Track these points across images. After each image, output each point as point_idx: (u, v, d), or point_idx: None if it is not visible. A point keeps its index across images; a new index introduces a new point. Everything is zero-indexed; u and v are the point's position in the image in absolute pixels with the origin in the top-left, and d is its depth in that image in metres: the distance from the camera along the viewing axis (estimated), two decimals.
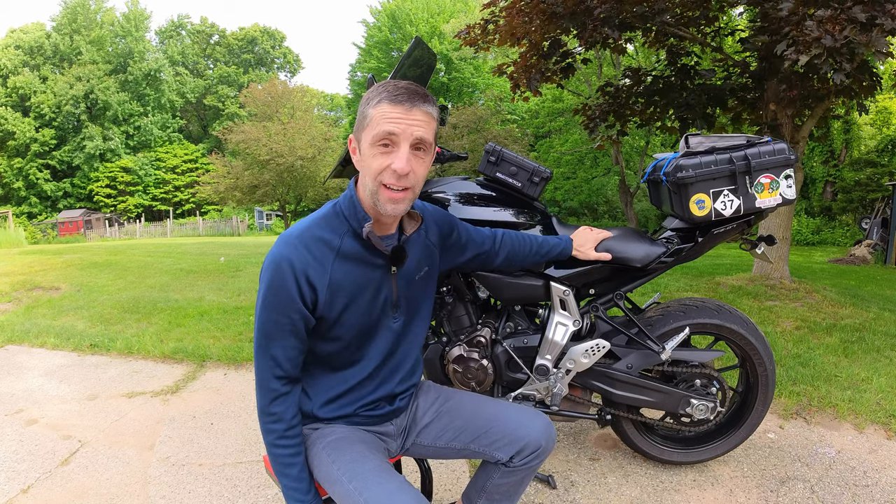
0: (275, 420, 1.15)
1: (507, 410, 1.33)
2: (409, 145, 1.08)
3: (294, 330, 1.13)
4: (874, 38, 3.03)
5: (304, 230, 1.14)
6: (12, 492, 2.03)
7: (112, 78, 35.86)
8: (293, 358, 1.15)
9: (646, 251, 1.82)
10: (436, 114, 1.14)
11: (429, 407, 1.37)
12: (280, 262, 1.10)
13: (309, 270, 1.11)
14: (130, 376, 3.20)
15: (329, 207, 1.19)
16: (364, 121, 1.11)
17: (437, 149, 1.85)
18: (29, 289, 5.52)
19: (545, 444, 1.29)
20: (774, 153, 1.70)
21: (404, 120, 1.07)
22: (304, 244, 1.12)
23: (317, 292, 1.13)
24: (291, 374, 1.16)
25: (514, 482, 1.33)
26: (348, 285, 1.16)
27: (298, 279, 1.10)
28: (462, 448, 1.33)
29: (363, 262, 1.18)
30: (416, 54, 2.03)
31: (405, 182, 1.10)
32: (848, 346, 3.34)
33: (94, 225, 29.82)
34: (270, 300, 1.11)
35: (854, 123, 15.33)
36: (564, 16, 4.17)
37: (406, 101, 1.07)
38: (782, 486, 1.95)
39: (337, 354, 1.22)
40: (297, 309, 1.11)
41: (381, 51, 29.28)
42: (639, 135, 17.36)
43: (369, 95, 1.12)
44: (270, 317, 1.12)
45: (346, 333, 1.19)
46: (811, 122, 4.58)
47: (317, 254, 1.13)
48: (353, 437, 1.22)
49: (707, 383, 1.90)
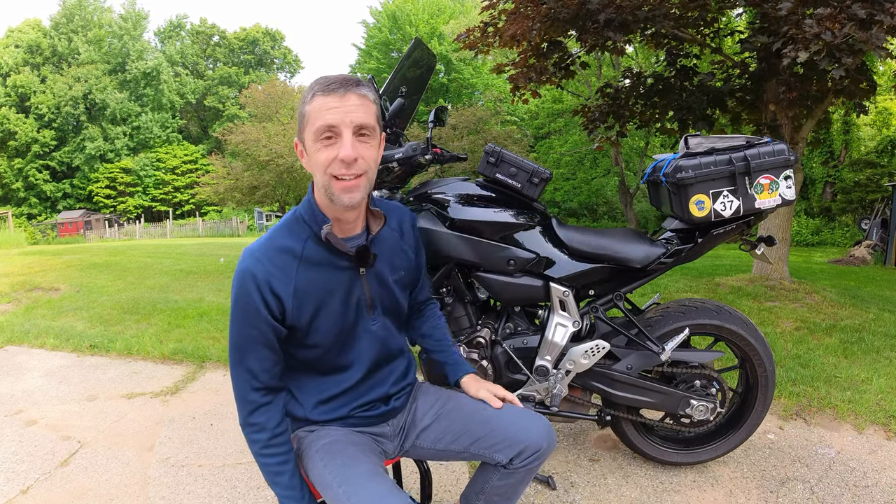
0: (257, 430, 1.15)
1: (507, 413, 1.31)
2: (350, 132, 1.06)
3: (265, 341, 1.13)
4: (874, 35, 3.04)
5: (266, 241, 1.14)
6: (12, 492, 2.03)
7: (110, 77, 35.88)
8: (269, 369, 1.15)
9: (645, 252, 1.82)
10: (373, 97, 1.11)
11: (428, 409, 1.36)
12: (243, 275, 1.10)
13: (272, 281, 1.11)
14: (130, 377, 3.20)
15: (290, 214, 1.18)
16: (303, 120, 1.10)
17: (437, 149, 1.86)
18: (28, 289, 5.52)
19: (545, 447, 1.28)
20: (774, 154, 1.70)
21: (340, 108, 1.05)
22: (266, 256, 1.12)
23: (283, 302, 1.12)
24: (269, 385, 1.16)
25: (513, 484, 1.33)
26: (315, 290, 1.15)
27: (262, 290, 1.10)
28: (461, 451, 1.32)
29: (328, 266, 1.16)
30: (416, 55, 2.03)
31: (355, 169, 1.07)
32: (848, 347, 3.34)
33: (94, 226, 29.83)
34: (238, 314, 1.12)
35: (853, 124, 15.35)
36: (566, 19, 4.18)
37: (339, 88, 1.06)
38: (782, 486, 1.95)
39: (321, 360, 1.22)
40: (264, 320, 1.11)
41: (380, 52, 29.28)
42: (638, 136, 17.38)
43: (304, 96, 1.11)
44: (241, 330, 1.12)
45: (323, 339, 1.19)
46: (811, 122, 4.58)
47: (279, 263, 1.12)
48: (346, 441, 1.21)
49: (707, 384, 1.90)
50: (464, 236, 1.81)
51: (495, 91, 23.24)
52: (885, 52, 3.10)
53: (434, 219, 1.83)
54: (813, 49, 3.05)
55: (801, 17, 3.25)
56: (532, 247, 1.84)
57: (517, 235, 1.84)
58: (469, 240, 1.81)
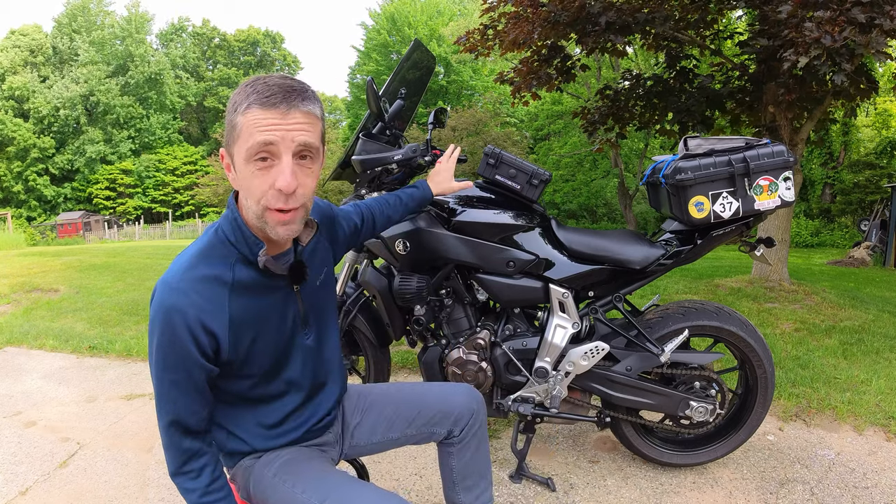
0: (194, 477, 1.02)
1: (430, 389, 1.34)
2: (290, 155, 0.91)
3: (195, 386, 0.99)
4: (874, 38, 3.04)
5: (187, 270, 0.97)
6: (11, 494, 2.02)
7: (113, 80, 35.92)
8: (198, 412, 1.01)
9: (645, 253, 1.82)
10: (319, 112, 0.96)
11: (353, 407, 1.34)
12: (168, 313, 0.93)
13: (203, 317, 0.95)
14: (129, 378, 3.20)
15: (210, 236, 1.02)
16: (233, 132, 0.93)
17: (436, 151, 1.86)
18: (28, 290, 5.52)
19: (476, 407, 1.32)
20: (773, 155, 1.71)
21: (281, 126, 0.89)
22: (191, 287, 0.95)
23: (217, 338, 0.98)
24: (202, 428, 1.03)
25: (472, 456, 1.33)
26: (251, 318, 1.02)
27: (193, 330, 0.94)
28: (400, 436, 1.32)
29: (262, 289, 1.04)
30: (416, 57, 2.04)
31: (293, 202, 0.93)
32: (847, 348, 3.34)
33: (93, 227, 29.83)
34: (164, 358, 0.96)
35: (853, 126, 15.37)
36: (567, 23, 4.19)
37: (281, 102, 0.89)
38: (782, 488, 1.95)
39: (255, 388, 1.09)
40: (195, 363, 0.97)
41: (380, 53, 29.32)
42: (638, 137, 17.42)
43: (236, 100, 0.92)
44: (166, 377, 0.97)
45: (257, 368, 1.07)
46: (810, 124, 4.59)
47: (208, 295, 0.96)
48: (302, 457, 1.14)
49: (706, 385, 1.90)
50: (463, 238, 1.81)
51: (495, 93, 23.27)
52: (885, 55, 3.10)
53: (433, 220, 1.83)
54: (813, 54, 3.06)
55: (801, 21, 3.26)
56: (531, 248, 1.84)
57: (517, 237, 1.84)
58: (468, 241, 1.81)
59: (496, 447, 2.28)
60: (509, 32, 4.55)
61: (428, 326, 1.94)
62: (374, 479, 2.04)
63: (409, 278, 1.84)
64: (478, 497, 1.37)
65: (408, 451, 2.25)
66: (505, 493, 1.94)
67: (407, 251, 1.84)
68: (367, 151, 1.79)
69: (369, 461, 2.15)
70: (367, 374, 2.24)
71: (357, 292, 2.13)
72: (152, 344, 0.97)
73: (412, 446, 2.26)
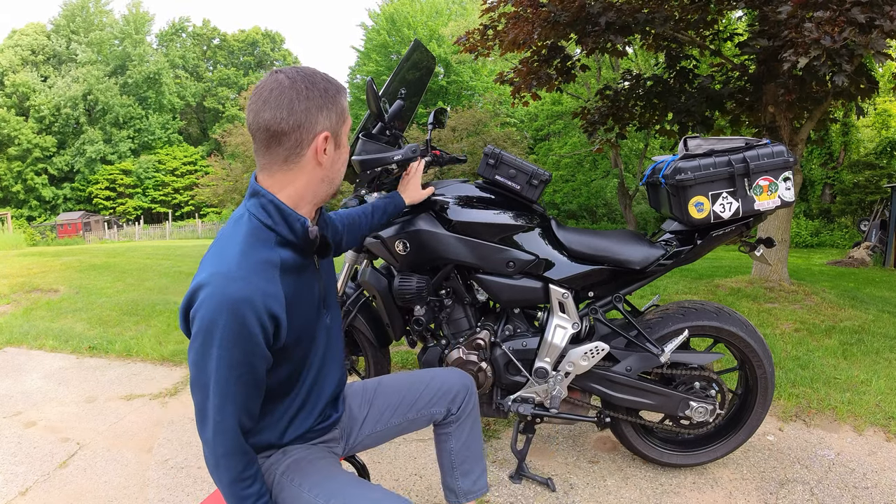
0: (251, 483, 1.00)
1: (427, 374, 1.43)
2: None
3: (257, 381, 0.98)
4: (873, 39, 3.04)
5: (242, 258, 0.95)
6: (10, 494, 2.02)
7: (112, 80, 35.94)
8: (254, 409, 1.01)
9: (644, 254, 1.82)
10: None
11: (360, 401, 1.38)
12: (235, 305, 0.90)
13: (269, 302, 0.95)
14: (129, 379, 3.19)
15: (246, 224, 1.01)
16: (342, 115, 1.06)
17: (436, 151, 1.86)
18: (27, 291, 5.51)
19: (469, 385, 1.43)
20: (773, 155, 1.71)
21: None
22: (253, 273, 0.94)
23: (279, 322, 0.98)
24: (252, 427, 1.03)
25: (469, 437, 1.42)
26: (296, 297, 1.04)
27: (261, 318, 0.93)
28: (401, 422, 1.38)
29: (300, 268, 1.07)
30: (415, 57, 2.04)
31: None
32: (847, 349, 3.34)
33: (93, 227, 29.84)
34: (229, 356, 0.92)
35: (853, 126, 15.36)
36: (567, 23, 4.19)
37: None
38: (782, 488, 1.95)
39: (286, 376, 1.09)
40: (261, 354, 0.96)
41: (379, 54, 29.33)
42: (638, 138, 17.42)
43: (336, 85, 1.05)
44: (232, 375, 0.93)
45: (300, 350, 1.09)
46: (810, 124, 4.59)
47: (268, 277, 0.97)
48: (310, 456, 1.16)
49: (706, 386, 1.90)
50: (463, 238, 1.81)
51: (494, 93, 23.28)
52: (885, 56, 3.10)
53: (433, 221, 1.83)
54: (812, 54, 3.06)
55: (801, 21, 3.26)
56: (531, 249, 1.84)
57: (516, 237, 1.84)
58: (468, 242, 1.81)
59: (496, 447, 2.28)
60: (509, 32, 4.56)
61: (428, 326, 1.94)
62: (373, 479, 2.04)
63: (408, 278, 1.85)
64: (475, 482, 1.43)
65: (408, 451, 2.26)
66: (505, 493, 1.94)
67: (407, 251, 1.84)
68: (367, 152, 1.79)
69: (369, 462, 2.15)
70: (367, 374, 2.24)
71: (357, 292, 2.13)
72: (212, 344, 0.91)
73: (412, 447, 2.26)
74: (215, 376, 0.93)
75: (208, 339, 0.92)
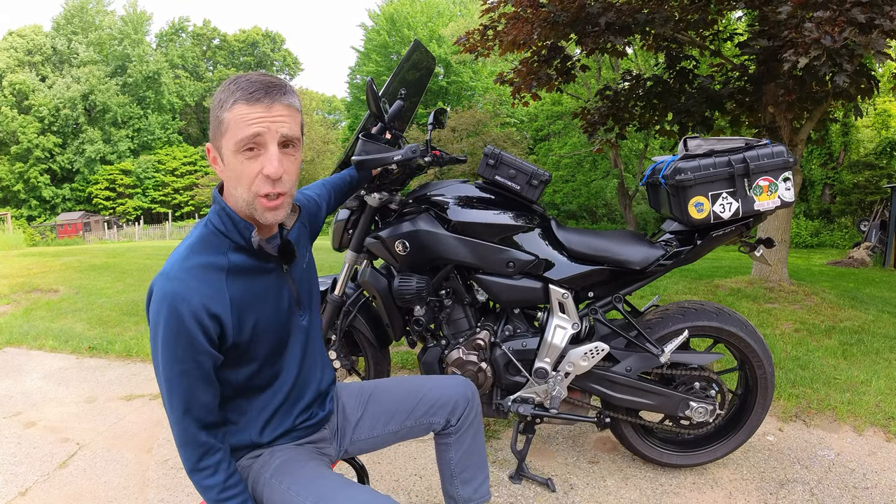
0: (211, 473, 1.04)
1: (427, 381, 1.39)
2: (276, 144, 1.00)
3: (204, 376, 1.02)
4: (874, 39, 3.05)
5: (184, 261, 1.01)
6: (10, 494, 2.02)
7: (112, 80, 35.95)
8: (209, 403, 1.04)
9: (644, 254, 1.82)
10: (298, 104, 1.05)
11: (356, 403, 1.37)
12: (173, 302, 0.97)
13: (206, 301, 0.99)
14: (129, 379, 3.19)
15: (201, 229, 1.07)
16: (220, 127, 1.00)
17: (436, 151, 1.86)
18: (27, 291, 5.52)
19: (471, 396, 1.38)
20: (773, 156, 1.71)
21: (266, 118, 0.98)
22: (190, 276, 0.99)
23: (222, 322, 1.02)
24: (215, 420, 1.06)
25: (470, 447, 1.37)
26: (250, 300, 1.07)
27: (198, 316, 0.98)
28: (399, 429, 1.35)
29: (257, 271, 1.09)
30: (415, 57, 2.04)
31: (280, 187, 1.01)
32: (847, 349, 3.34)
33: (93, 227, 29.83)
34: (172, 350, 0.98)
35: (852, 126, 15.37)
36: (566, 23, 4.19)
37: (265, 97, 0.98)
38: (782, 488, 1.95)
39: (257, 374, 1.13)
40: (203, 351, 1.00)
41: (379, 54, 29.35)
42: (638, 138, 17.43)
43: (221, 98, 1.00)
44: (175, 369, 0.99)
45: (263, 349, 1.11)
46: (809, 124, 4.59)
47: (207, 280, 1.01)
48: (299, 457, 1.17)
49: (706, 386, 1.90)
50: (463, 238, 1.81)
51: (494, 94, 23.29)
52: (885, 56, 3.11)
53: (433, 221, 1.83)
54: (812, 54, 3.06)
55: (801, 21, 3.26)
56: (531, 249, 1.84)
57: (516, 237, 1.84)
58: (468, 242, 1.81)
59: (496, 447, 2.28)
60: (509, 33, 4.55)
61: (428, 327, 1.94)
62: (373, 479, 2.04)
63: (408, 279, 1.85)
64: (476, 490, 1.40)
65: (408, 451, 2.25)
66: (505, 493, 1.94)
67: (407, 252, 1.84)
68: (367, 152, 1.79)
69: (369, 462, 2.15)
70: (367, 374, 2.24)
71: (357, 293, 2.13)
72: (157, 338, 0.99)
73: (412, 447, 2.26)
74: (162, 369, 1.01)
75: (155, 334, 1.00)
